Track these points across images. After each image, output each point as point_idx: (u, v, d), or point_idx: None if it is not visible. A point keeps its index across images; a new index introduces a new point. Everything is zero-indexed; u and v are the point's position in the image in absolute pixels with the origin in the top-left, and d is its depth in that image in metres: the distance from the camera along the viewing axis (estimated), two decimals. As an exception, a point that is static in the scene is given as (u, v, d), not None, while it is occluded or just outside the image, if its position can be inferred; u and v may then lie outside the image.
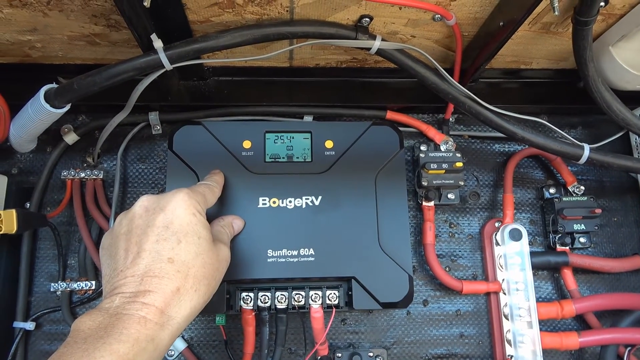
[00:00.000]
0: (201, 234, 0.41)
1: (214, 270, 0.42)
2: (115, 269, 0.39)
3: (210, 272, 0.41)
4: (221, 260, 0.44)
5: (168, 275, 0.38)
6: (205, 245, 0.41)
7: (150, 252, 0.39)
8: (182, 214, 0.41)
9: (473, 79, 0.63)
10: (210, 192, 0.48)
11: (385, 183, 0.57)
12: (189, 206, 0.42)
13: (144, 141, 0.64)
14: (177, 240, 0.40)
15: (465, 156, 0.67)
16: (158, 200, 0.42)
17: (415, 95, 0.65)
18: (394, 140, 0.59)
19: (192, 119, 0.61)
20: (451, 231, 0.64)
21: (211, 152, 0.56)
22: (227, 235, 0.49)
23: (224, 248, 0.46)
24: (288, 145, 0.58)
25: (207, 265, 0.41)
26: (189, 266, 0.39)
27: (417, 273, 0.62)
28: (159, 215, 0.41)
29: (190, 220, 0.41)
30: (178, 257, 0.39)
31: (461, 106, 0.54)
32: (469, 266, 0.63)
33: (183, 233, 0.40)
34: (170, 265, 0.38)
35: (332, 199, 0.55)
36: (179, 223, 0.41)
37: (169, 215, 0.41)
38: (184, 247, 0.40)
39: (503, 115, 0.54)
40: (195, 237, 0.41)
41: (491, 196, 0.66)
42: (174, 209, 0.41)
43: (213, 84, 0.63)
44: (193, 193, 0.44)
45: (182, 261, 0.39)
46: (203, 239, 0.41)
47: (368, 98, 0.64)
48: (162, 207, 0.41)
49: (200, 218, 0.42)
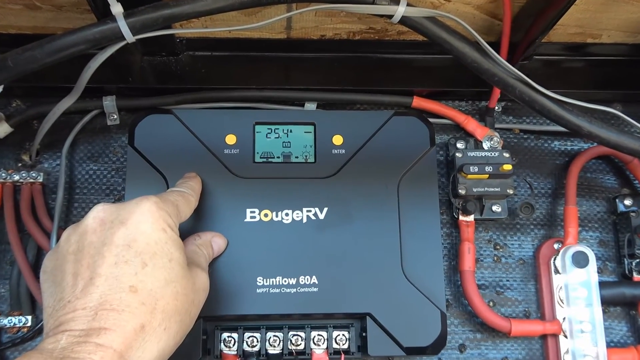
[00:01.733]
0: (173, 256, 0.42)
1: (188, 303, 0.42)
2: (61, 299, 0.39)
3: (184, 306, 0.42)
4: (198, 290, 0.44)
5: (130, 309, 0.38)
6: (177, 270, 0.42)
7: (107, 278, 0.39)
8: (148, 229, 0.42)
9: (525, 56, 0.63)
10: (184, 202, 0.48)
11: (411, 191, 0.57)
12: (158, 219, 0.42)
13: (97, 134, 0.64)
14: (142, 263, 0.40)
15: (516, 156, 0.67)
16: (117, 211, 0.42)
17: (450, 76, 0.65)
18: (422, 135, 0.59)
19: (159, 105, 0.61)
20: (497, 254, 0.64)
21: (184, 150, 0.56)
22: (205, 257, 0.50)
23: (201, 274, 0.46)
24: (284, 141, 0.59)
25: (180, 297, 0.41)
26: (156, 297, 0.39)
27: (451, 309, 0.62)
28: (119, 231, 0.41)
29: (159, 237, 0.42)
30: (143, 285, 0.39)
31: (510, 91, 0.54)
32: (520, 300, 0.63)
33: (149, 254, 0.41)
34: (132, 295, 0.38)
35: (342, 212, 0.56)
36: (145, 241, 0.41)
37: (131, 230, 0.41)
38: (150, 272, 0.40)
39: (564, 103, 0.54)
40: (165, 259, 0.41)
41: (549, 209, 0.66)
42: (138, 223, 0.42)
43: (187, 60, 0.63)
44: (162, 203, 0.44)
45: (148, 290, 0.39)
46: (175, 262, 0.42)
47: (389, 80, 0.64)
48: (123, 219, 0.42)
49: (171, 235, 0.43)
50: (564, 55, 0.66)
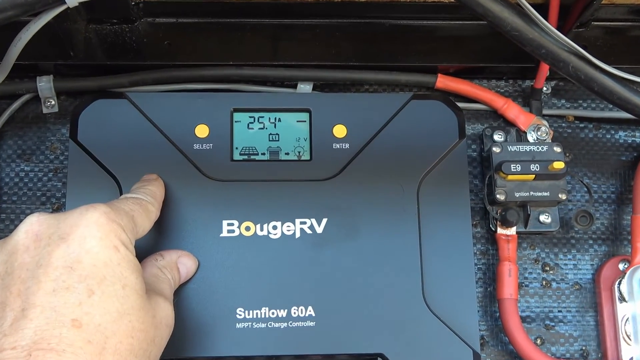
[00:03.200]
0: (127, 281, 0.42)
1: (147, 342, 0.42)
2: None
3: (142, 345, 0.42)
4: (159, 324, 0.44)
5: (72, 349, 0.38)
6: (134, 299, 0.42)
7: (44, 310, 0.39)
8: (95, 247, 0.41)
9: (581, 22, 0.63)
10: (141, 212, 0.48)
11: (435, 197, 0.57)
12: (108, 234, 0.42)
13: (30, 125, 0.64)
14: (88, 291, 0.40)
15: (570, 151, 0.67)
16: (57, 224, 0.42)
17: (485, 49, 0.65)
18: (448, 124, 0.59)
19: (109, 88, 0.61)
20: (546, 277, 0.64)
21: (142, 145, 0.57)
22: (170, 283, 0.50)
23: (163, 305, 0.46)
24: (271, 133, 0.59)
25: (136, 333, 0.41)
26: (106, 334, 0.39)
27: (487, 348, 0.62)
28: (58, 248, 0.41)
29: (110, 257, 0.42)
30: (89, 319, 0.39)
31: (562, 67, 0.54)
32: (576, 336, 0.63)
33: (97, 279, 0.40)
34: (75, 331, 0.38)
35: (345, 224, 0.56)
36: (91, 262, 0.41)
37: (74, 248, 0.41)
38: (98, 302, 0.40)
39: (632, 82, 0.54)
40: (117, 285, 0.41)
41: (612, 219, 0.66)
42: (83, 239, 0.41)
43: (145, 29, 0.63)
44: (114, 213, 0.44)
45: (95, 325, 0.39)
46: (130, 289, 0.42)
47: (405, 53, 0.64)
48: (63, 234, 0.42)
49: (125, 254, 0.43)
50: (631, 20, 0.66)
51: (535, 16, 0.52)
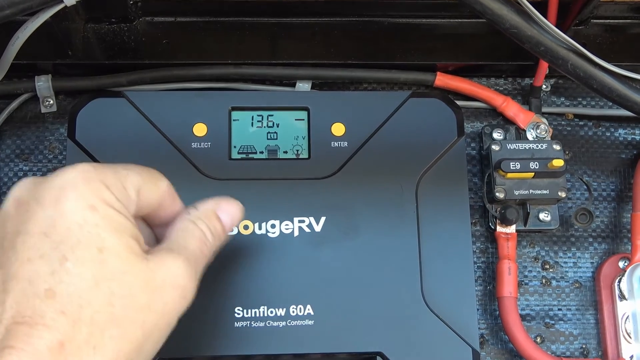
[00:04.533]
0: (106, 243, 0.39)
1: (135, 309, 0.39)
2: None
3: (128, 313, 0.38)
4: (158, 287, 0.40)
5: (44, 320, 0.36)
6: (114, 263, 0.39)
7: (19, 281, 0.37)
8: (70, 208, 0.39)
9: (581, 20, 0.63)
10: (144, 179, 0.44)
11: (434, 195, 0.57)
12: (84, 193, 0.39)
13: (28, 125, 0.64)
14: (61, 258, 0.38)
15: (569, 150, 0.67)
16: (35, 187, 0.40)
17: (484, 47, 0.65)
18: (447, 122, 0.59)
19: (107, 87, 0.61)
20: (545, 276, 0.64)
21: (140, 144, 0.57)
22: (203, 236, 0.44)
23: (171, 262, 0.41)
24: (270, 132, 0.59)
25: (117, 300, 0.38)
26: (80, 303, 0.37)
27: (487, 347, 0.62)
28: (35, 214, 0.39)
29: (85, 218, 0.39)
30: (62, 288, 0.37)
31: (561, 65, 0.54)
32: (576, 334, 0.63)
33: (71, 243, 0.38)
34: (48, 302, 0.36)
35: (344, 222, 0.56)
36: (65, 225, 0.38)
37: (49, 212, 0.39)
38: (72, 269, 0.37)
39: (631, 79, 0.54)
40: (93, 249, 0.38)
41: (612, 217, 0.66)
42: (57, 200, 0.39)
43: (143, 28, 0.63)
44: (97, 171, 0.41)
45: (68, 294, 0.37)
46: (109, 252, 0.39)
47: (404, 52, 0.64)
48: (40, 198, 0.39)
49: (106, 213, 0.39)
50: (630, 17, 0.66)
51: (534, 13, 0.52)
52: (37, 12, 0.52)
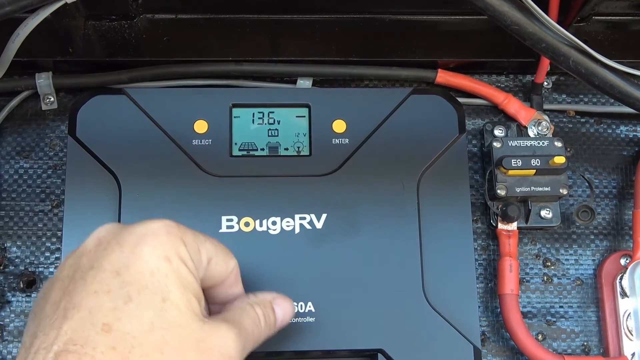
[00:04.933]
0: (171, 295, 0.40)
1: None
2: (34, 335, 0.39)
3: None
4: (208, 350, 0.41)
5: (94, 352, 0.37)
6: (174, 314, 0.40)
7: (80, 310, 0.38)
8: (147, 254, 0.40)
9: (582, 16, 0.63)
10: (216, 250, 0.46)
11: (435, 192, 0.57)
12: (163, 244, 0.41)
13: (29, 122, 0.64)
14: (126, 297, 0.39)
15: (571, 146, 0.67)
16: (120, 230, 0.42)
17: (485, 43, 0.65)
18: (449, 119, 0.59)
19: (108, 84, 0.61)
20: (547, 273, 0.64)
21: (141, 141, 0.56)
22: (257, 320, 0.47)
23: (226, 333, 0.43)
24: (271, 129, 0.59)
25: (169, 350, 0.39)
26: (133, 343, 0.38)
27: (488, 344, 0.62)
28: (113, 253, 0.41)
29: (159, 267, 0.40)
30: (119, 325, 0.38)
31: (562, 61, 0.54)
32: (577, 332, 0.63)
33: (139, 286, 0.39)
34: (104, 335, 0.37)
35: (345, 219, 0.56)
36: (138, 269, 0.40)
37: (126, 253, 0.40)
38: (133, 310, 0.39)
39: (633, 76, 0.54)
40: (157, 296, 0.40)
41: (614, 214, 0.66)
42: (137, 245, 0.41)
43: (144, 26, 0.63)
44: (179, 228, 0.43)
45: (124, 332, 0.38)
46: (171, 304, 0.40)
47: (405, 48, 0.64)
48: (121, 240, 0.41)
49: (178, 268, 0.41)
50: (632, 14, 0.66)
51: (536, 10, 0.52)
52: (38, 9, 0.52)
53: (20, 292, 0.59)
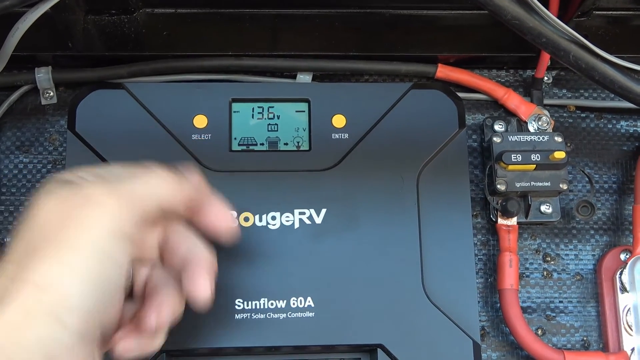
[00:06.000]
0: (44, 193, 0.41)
1: (61, 219, 0.39)
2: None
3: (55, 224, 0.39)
4: (85, 203, 0.39)
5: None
6: (41, 201, 0.40)
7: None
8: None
9: (582, 11, 0.63)
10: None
11: (435, 187, 0.57)
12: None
13: (28, 117, 0.64)
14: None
15: (571, 141, 0.67)
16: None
17: (485, 38, 0.65)
18: (448, 114, 0.59)
19: (108, 79, 0.61)
20: (547, 268, 0.64)
21: (140, 135, 0.57)
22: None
23: (97, 186, 0.41)
24: (270, 124, 0.59)
25: (42, 224, 0.39)
26: (16, 241, 0.40)
27: (488, 339, 0.62)
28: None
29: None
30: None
31: (562, 56, 0.54)
32: (577, 327, 0.63)
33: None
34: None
35: (344, 214, 0.56)
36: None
37: None
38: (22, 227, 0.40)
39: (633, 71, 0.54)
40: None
41: (614, 209, 0.66)
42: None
43: (144, 20, 0.63)
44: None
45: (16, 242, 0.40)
46: (42, 197, 0.40)
47: (405, 43, 0.64)
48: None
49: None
50: (633, 9, 0.66)
51: (536, 5, 0.51)
52: (37, 3, 0.52)
53: (20, 287, 0.59)
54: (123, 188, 0.40)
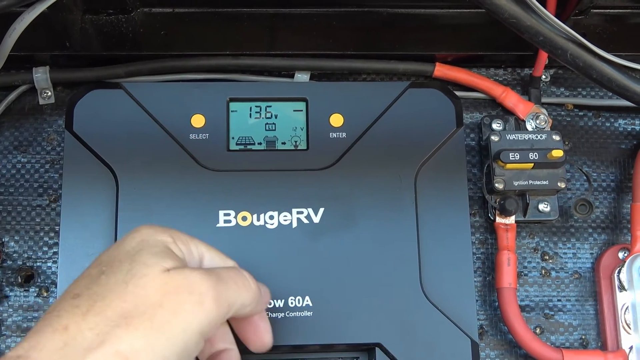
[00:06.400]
0: (140, 257, 0.42)
1: (148, 305, 0.40)
2: None
3: (141, 308, 0.40)
4: (177, 290, 0.41)
5: (60, 312, 0.39)
6: (139, 268, 0.41)
7: (62, 293, 0.41)
8: (126, 243, 0.43)
9: (580, 10, 0.62)
10: (213, 249, 0.48)
11: (433, 186, 0.57)
12: (143, 234, 0.43)
13: (26, 117, 0.64)
14: (99, 273, 0.41)
15: (569, 140, 0.67)
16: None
17: (483, 37, 0.65)
18: (446, 112, 0.59)
19: (105, 78, 0.61)
20: (545, 267, 0.64)
21: (138, 135, 0.56)
22: (234, 277, 0.45)
23: (193, 274, 0.42)
24: (268, 123, 0.59)
25: (132, 294, 0.40)
26: (96, 299, 0.39)
27: (486, 337, 0.62)
28: (102, 255, 0.44)
29: (133, 246, 0.43)
30: (87, 291, 0.40)
31: (560, 55, 0.54)
32: (575, 325, 0.63)
33: (112, 262, 0.42)
34: (71, 301, 0.40)
35: (342, 213, 0.56)
36: (115, 254, 0.42)
37: (111, 250, 0.43)
38: (103, 279, 0.41)
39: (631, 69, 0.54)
40: (126, 262, 0.41)
41: (612, 207, 0.66)
42: (121, 242, 0.44)
43: (141, 19, 0.63)
44: (172, 229, 0.45)
45: (90, 294, 0.40)
46: (138, 262, 0.41)
47: (403, 42, 0.64)
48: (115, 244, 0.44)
49: (155, 244, 0.43)
50: (630, 7, 0.66)
51: (533, 3, 0.51)
52: (34, 3, 0.52)
53: (18, 287, 0.59)
54: (223, 294, 0.42)
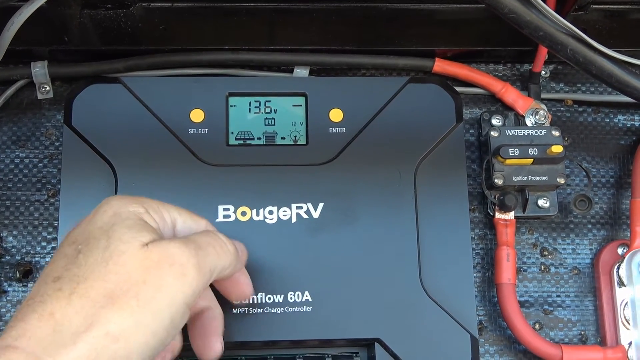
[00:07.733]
0: (115, 233, 0.42)
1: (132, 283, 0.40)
2: None
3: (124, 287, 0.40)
4: (157, 264, 0.41)
5: (43, 297, 0.39)
6: (116, 245, 0.41)
7: (40, 277, 0.41)
8: (98, 217, 0.43)
9: (580, 5, 0.62)
10: (184, 211, 0.48)
11: (432, 181, 0.57)
12: (113, 206, 0.43)
13: (25, 111, 0.64)
14: (75, 252, 0.41)
15: (568, 135, 0.67)
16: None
17: (483, 32, 0.65)
18: (446, 108, 0.59)
19: (104, 73, 0.61)
20: (544, 262, 0.64)
21: (137, 130, 0.56)
22: (212, 242, 0.45)
23: (172, 245, 0.42)
24: (267, 118, 0.59)
25: (113, 273, 0.40)
26: (78, 281, 0.40)
27: (485, 333, 0.62)
28: (76, 229, 0.44)
29: (106, 221, 0.43)
30: (67, 273, 0.40)
31: (560, 50, 0.54)
32: (575, 321, 0.63)
33: (86, 240, 0.42)
34: (52, 284, 0.40)
35: (342, 208, 0.56)
36: (88, 230, 0.42)
37: (82, 225, 0.43)
38: (81, 259, 0.41)
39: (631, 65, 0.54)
40: (102, 239, 0.41)
41: (611, 203, 0.66)
42: (93, 216, 0.44)
43: (140, 14, 0.63)
44: (141, 198, 0.45)
45: (71, 276, 0.40)
46: (115, 239, 0.41)
47: (403, 37, 0.64)
48: (87, 218, 0.44)
49: (127, 216, 0.43)
50: (630, 2, 0.66)
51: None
52: (32, -3, 0.52)
53: (17, 282, 0.59)
54: (203, 262, 0.43)
